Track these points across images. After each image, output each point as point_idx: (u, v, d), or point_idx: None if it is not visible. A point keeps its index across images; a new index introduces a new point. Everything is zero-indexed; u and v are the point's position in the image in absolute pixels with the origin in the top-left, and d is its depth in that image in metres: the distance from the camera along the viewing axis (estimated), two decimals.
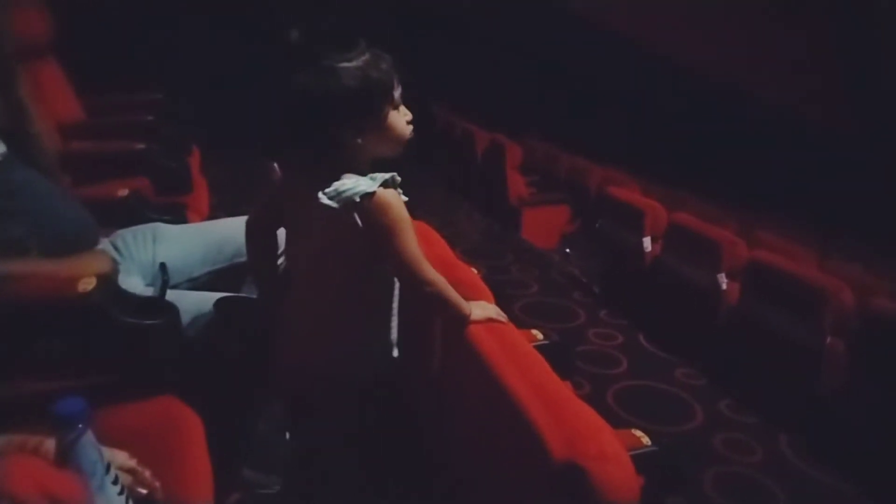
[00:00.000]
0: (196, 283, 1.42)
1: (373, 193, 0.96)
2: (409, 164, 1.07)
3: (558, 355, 1.21)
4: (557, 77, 6.08)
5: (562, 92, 6.03)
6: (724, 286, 2.54)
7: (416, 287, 1.04)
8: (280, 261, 1.27)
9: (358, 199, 0.95)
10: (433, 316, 1.25)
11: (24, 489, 0.51)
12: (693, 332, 2.60)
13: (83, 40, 2.70)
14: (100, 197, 1.60)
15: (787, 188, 4.69)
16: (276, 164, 3.18)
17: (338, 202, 0.96)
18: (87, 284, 1.02)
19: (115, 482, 0.64)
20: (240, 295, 1.35)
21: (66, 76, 2.56)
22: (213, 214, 2.10)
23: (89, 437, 0.62)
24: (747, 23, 5.09)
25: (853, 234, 3.99)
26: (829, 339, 2.14)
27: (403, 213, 0.99)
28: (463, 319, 1.10)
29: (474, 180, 4.92)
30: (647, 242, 2.91)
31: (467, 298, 1.23)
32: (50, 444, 0.65)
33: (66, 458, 0.61)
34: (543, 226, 4.30)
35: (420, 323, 1.42)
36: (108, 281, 1.07)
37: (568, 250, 4.13)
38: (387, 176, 0.98)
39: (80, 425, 0.61)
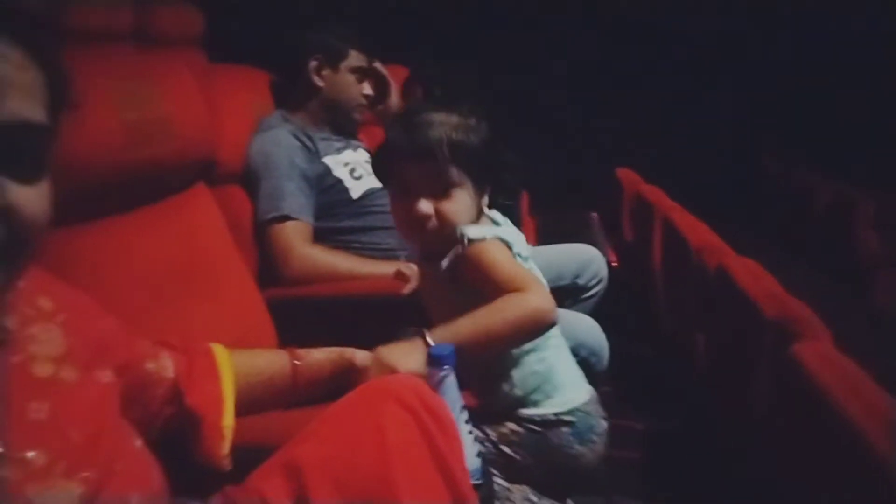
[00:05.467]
0: None
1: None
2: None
3: None
4: None
5: None
6: None
7: None
8: None
9: None
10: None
11: (409, 398, 0.66)
12: None
13: None
14: None
15: None
16: (595, 214, 3.28)
17: None
18: None
19: (467, 421, 0.76)
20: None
21: None
22: None
23: (453, 379, 0.75)
24: None
25: None
26: None
27: None
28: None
29: (813, 237, 4.41)
30: None
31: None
32: None
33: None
34: None
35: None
36: None
37: None
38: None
39: (447, 366, 0.75)
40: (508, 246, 1.02)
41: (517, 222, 2.43)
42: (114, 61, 1.20)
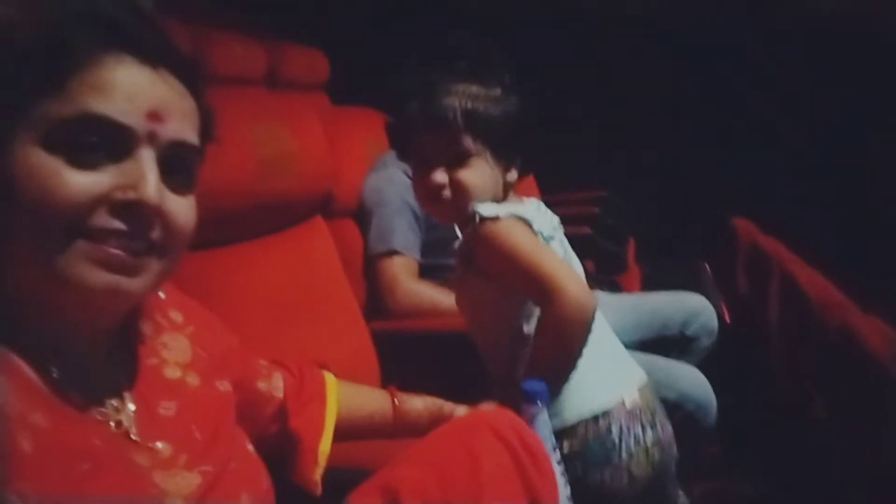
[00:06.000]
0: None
1: None
2: None
3: None
4: None
5: None
6: None
7: None
8: None
9: None
10: None
11: (505, 432, 0.67)
12: None
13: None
14: None
15: None
16: (706, 265, 3.14)
17: None
18: None
19: (559, 462, 0.75)
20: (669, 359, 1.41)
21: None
22: None
23: (545, 416, 0.75)
24: None
25: None
26: None
27: None
28: None
29: None
30: None
31: None
32: None
33: None
34: None
35: None
36: None
37: None
38: None
39: (540, 403, 0.75)
40: (528, 224, 0.92)
41: (623, 269, 2.40)
42: (251, 103, 1.31)
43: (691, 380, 1.29)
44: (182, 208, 0.57)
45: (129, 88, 0.53)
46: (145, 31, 0.56)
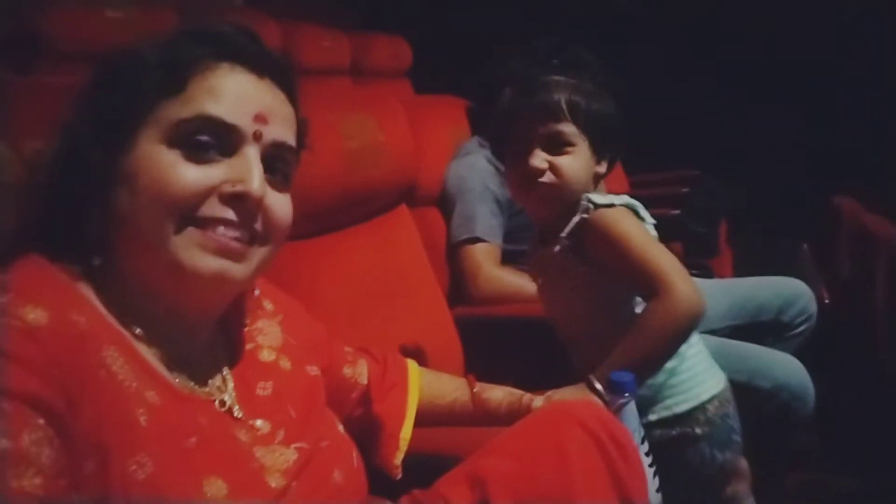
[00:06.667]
0: (716, 335, 1.48)
1: None
2: None
3: None
4: None
5: None
6: None
7: None
8: None
9: None
10: None
11: (593, 424, 0.67)
12: None
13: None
14: None
15: None
16: (805, 245, 2.98)
17: None
18: None
19: (648, 454, 0.75)
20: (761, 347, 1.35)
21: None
22: None
23: (633, 407, 0.75)
24: None
25: None
26: None
27: None
28: None
29: None
30: None
31: None
32: None
33: None
34: None
35: None
36: None
37: None
38: None
39: (628, 394, 0.74)
40: (636, 212, 0.96)
41: (714, 252, 2.31)
42: (339, 96, 1.35)
43: (787, 368, 1.23)
44: (281, 203, 0.62)
45: (239, 94, 0.60)
46: (253, 46, 0.63)
